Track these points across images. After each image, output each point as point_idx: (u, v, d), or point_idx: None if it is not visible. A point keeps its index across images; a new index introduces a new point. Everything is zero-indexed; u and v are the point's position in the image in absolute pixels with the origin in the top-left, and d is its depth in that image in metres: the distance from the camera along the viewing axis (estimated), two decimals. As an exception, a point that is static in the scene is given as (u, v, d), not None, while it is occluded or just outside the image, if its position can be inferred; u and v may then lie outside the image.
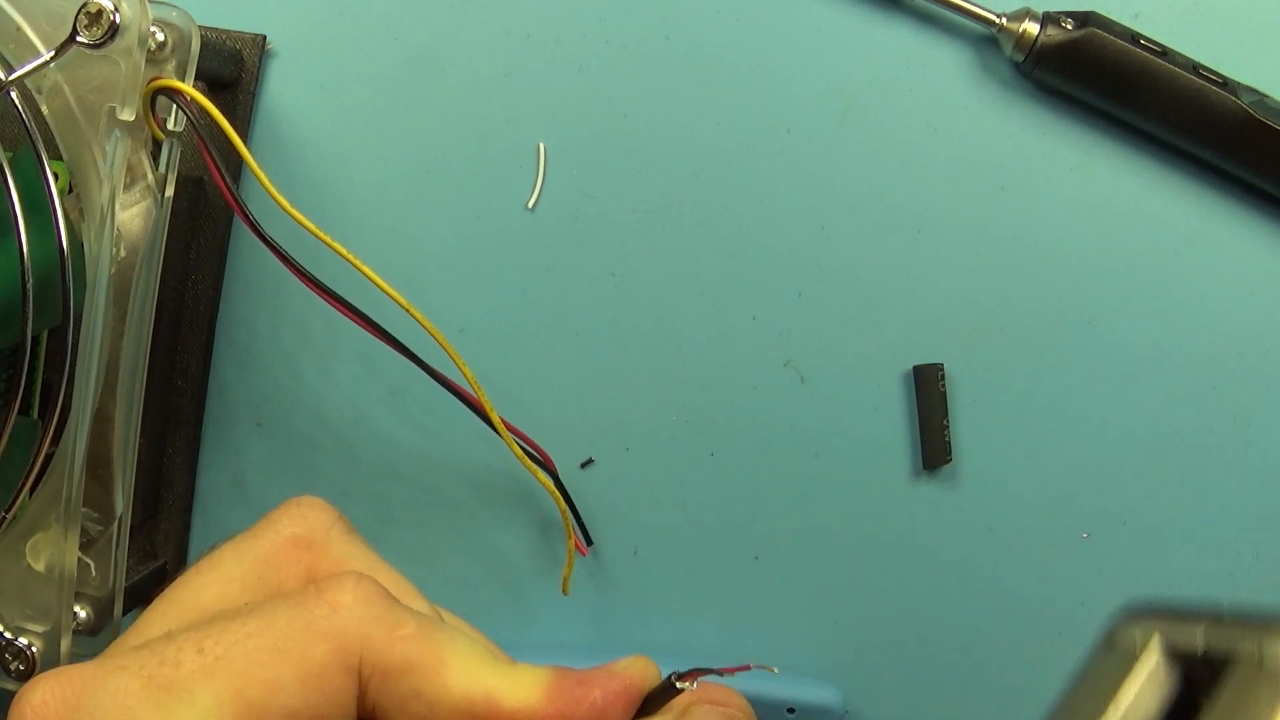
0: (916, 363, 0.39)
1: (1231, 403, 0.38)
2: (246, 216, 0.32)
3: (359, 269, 0.32)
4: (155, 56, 0.30)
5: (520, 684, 0.23)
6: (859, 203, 0.38)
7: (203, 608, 0.24)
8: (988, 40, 0.38)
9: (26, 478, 0.30)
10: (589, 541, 0.39)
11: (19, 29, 0.29)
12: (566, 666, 0.24)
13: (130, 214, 0.31)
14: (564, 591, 0.39)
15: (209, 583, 0.24)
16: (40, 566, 0.31)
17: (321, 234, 0.32)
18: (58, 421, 0.30)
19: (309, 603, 0.23)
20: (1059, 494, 0.39)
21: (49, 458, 0.30)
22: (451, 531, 0.40)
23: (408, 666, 0.22)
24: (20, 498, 0.30)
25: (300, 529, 0.25)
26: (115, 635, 0.33)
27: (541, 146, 0.39)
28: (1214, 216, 0.38)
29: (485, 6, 0.39)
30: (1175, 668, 0.20)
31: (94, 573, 0.33)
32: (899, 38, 0.38)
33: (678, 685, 0.23)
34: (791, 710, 0.38)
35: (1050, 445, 0.39)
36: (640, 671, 0.24)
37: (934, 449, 0.38)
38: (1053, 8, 0.36)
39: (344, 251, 0.33)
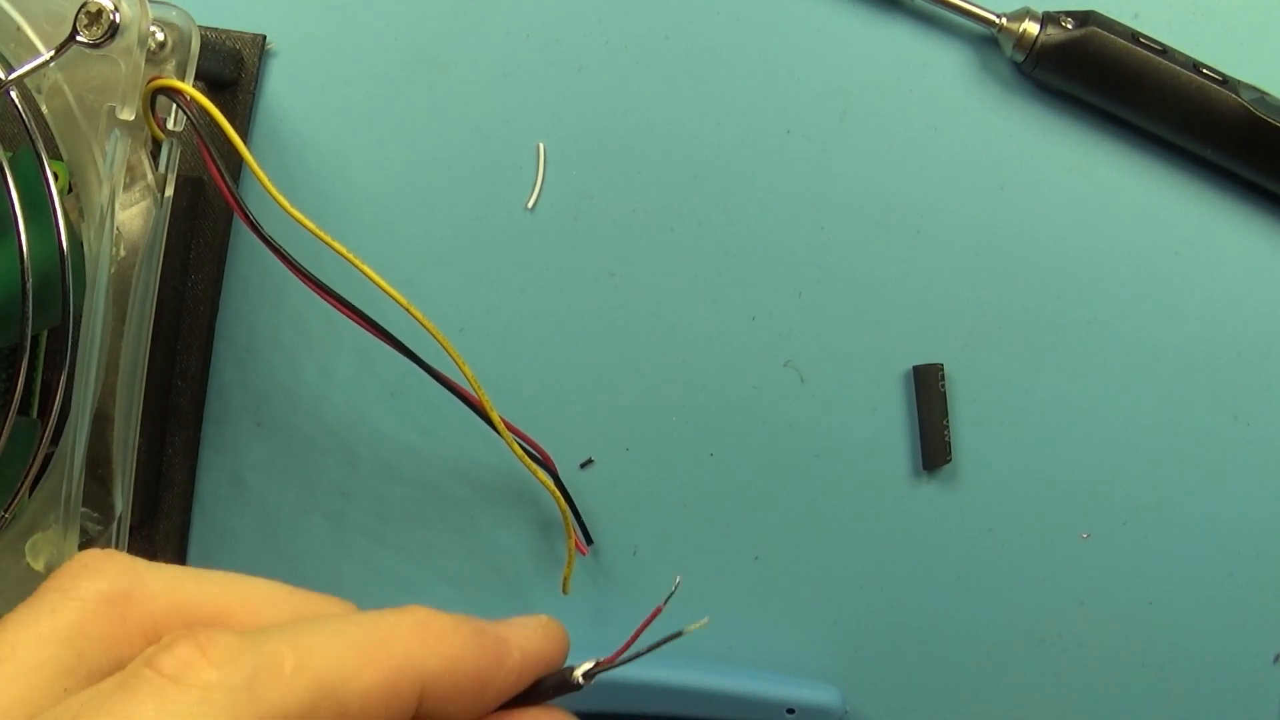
0: (916, 363, 0.39)
1: (1231, 402, 0.38)
2: (246, 216, 0.32)
3: (359, 268, 0.32)
4: (155, 56, 0.30)
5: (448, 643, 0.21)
6: (859, 203, 0.38)
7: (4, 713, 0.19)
8: (988, 40, 0.38)
9: (26, 477, 0.30)
10: (589, 541, 0.39)
11: (19, 28, 0.29)
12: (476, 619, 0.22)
13: (130, 214, 0.31)
14: (564, 591, 0.39)
15: (7, 679, 0.19)
16: (40, 566, 0.31)
17: (322, 234, 0.32)
18: (57, 421, 0.30)
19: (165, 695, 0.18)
20: (1059, 494, 0.39)
21: (49, 457, 0.30)
22: (451, 531, 0.40)
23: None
24: (20, 497, 0.30)
25: (104, 584, 0.21)
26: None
27: (541, 146, 0.39)
28: (1214, 216, 0.38)
29: (485, 6, 0.39)
30: None
31: (94, 572, 0.32)
32: (899, 38, 0.38)
33: (577, 680, 0.22)
34: (791, 710, 0.38)
35: (1050, 445, 0.39)
36: (553, 643, 0.23)
37: (934, 449, 0.38)
38: (1053, 7, 0.36)
39: (344, 251, 0.33)
